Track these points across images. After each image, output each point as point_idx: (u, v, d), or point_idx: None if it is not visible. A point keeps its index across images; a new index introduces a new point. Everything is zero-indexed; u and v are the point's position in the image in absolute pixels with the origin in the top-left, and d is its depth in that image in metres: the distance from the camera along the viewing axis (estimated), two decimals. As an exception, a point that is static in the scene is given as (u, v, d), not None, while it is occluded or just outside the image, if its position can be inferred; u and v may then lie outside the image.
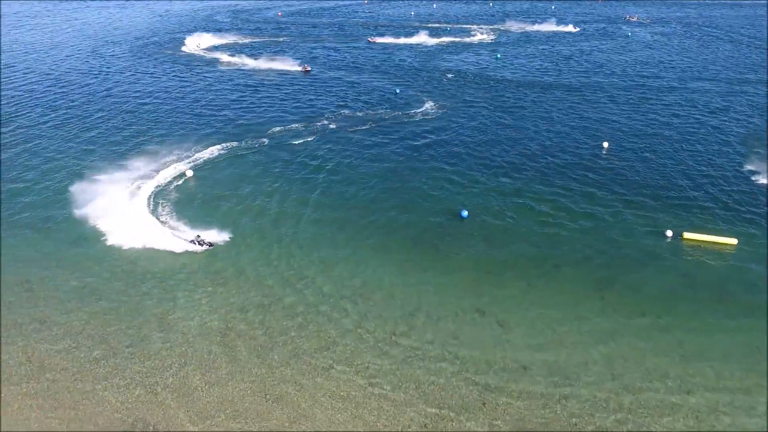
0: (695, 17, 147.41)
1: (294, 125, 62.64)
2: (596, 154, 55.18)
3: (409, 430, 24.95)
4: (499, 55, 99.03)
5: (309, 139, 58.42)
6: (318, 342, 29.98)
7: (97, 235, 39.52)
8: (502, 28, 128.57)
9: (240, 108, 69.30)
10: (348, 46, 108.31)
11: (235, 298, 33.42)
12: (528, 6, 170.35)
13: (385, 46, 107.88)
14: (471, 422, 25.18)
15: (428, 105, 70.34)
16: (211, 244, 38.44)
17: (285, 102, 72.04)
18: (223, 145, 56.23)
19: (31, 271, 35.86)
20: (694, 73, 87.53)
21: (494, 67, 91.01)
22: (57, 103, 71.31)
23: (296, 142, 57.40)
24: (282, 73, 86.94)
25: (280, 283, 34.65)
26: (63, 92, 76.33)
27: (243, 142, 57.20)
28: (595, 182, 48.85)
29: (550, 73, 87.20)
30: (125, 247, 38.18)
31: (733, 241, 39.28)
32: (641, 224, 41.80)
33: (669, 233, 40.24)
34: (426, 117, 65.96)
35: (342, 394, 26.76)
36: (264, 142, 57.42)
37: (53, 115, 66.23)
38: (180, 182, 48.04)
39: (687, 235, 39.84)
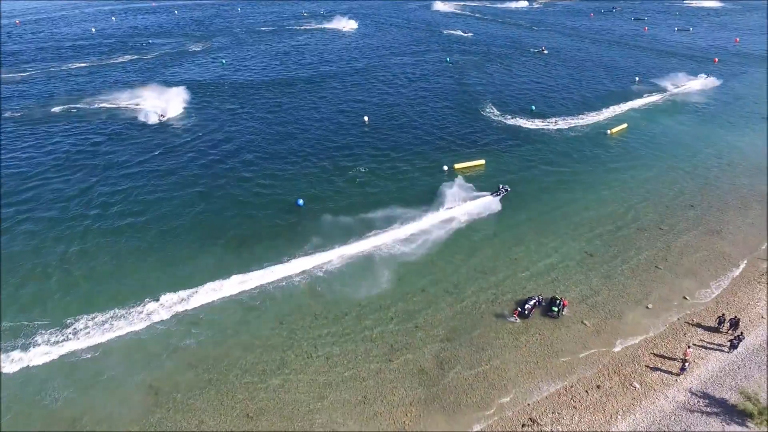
0: (358, 7, 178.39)
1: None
2: (362, 128, 66.66)
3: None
4: (224, 61, 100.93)
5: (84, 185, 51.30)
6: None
7: None
8: (206, 35, 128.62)
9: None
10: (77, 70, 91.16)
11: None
12: (214, 11, 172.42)
13: (88, 70, 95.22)
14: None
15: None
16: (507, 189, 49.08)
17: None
18: None
19: None
20: (389, 51, 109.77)
21: (227, 73, 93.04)
22: None
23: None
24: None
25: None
26: None
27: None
28: (375, 147, 60.04)
29: (280, 70, 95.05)
30: None
31: (482, 161, 56.25)
32: (428, 167, 54.91)
33: (445, 167, 54.50)
34: (195, 133, 65.17)
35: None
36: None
37: None
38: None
39: (456, 165, 54.85)
